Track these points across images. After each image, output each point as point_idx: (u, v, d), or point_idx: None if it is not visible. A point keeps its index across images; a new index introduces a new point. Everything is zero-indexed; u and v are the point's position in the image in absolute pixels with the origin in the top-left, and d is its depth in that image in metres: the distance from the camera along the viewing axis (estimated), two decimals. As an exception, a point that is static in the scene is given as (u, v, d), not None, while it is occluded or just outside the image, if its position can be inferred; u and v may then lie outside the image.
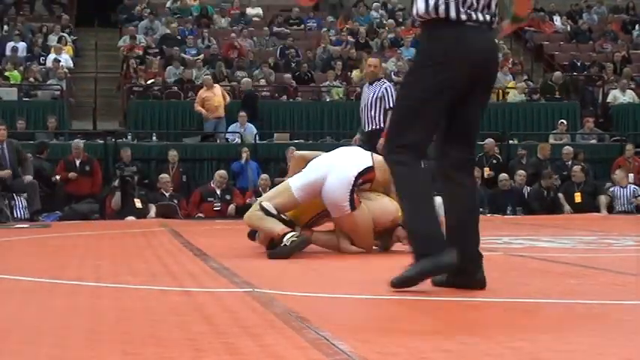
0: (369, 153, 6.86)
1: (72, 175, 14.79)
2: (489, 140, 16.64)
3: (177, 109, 18.16)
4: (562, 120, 18.40)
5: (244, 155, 15.87)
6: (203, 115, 17.36)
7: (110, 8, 23.50)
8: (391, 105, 10.21)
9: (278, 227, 6.30)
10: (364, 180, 6.59)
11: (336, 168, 6.53)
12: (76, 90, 20.43)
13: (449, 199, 4.48)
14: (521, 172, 15.56)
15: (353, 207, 6.47)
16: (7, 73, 18.87)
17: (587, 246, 7.87)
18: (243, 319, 3.51)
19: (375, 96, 10.22)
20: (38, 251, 7.56)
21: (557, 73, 20.30)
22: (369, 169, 6.60)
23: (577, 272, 5.50)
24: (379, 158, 6.40)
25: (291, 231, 6.30)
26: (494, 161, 16.20)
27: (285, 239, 6.22)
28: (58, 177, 14.78)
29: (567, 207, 14.99)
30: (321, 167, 6.57)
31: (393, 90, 10.28)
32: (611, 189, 15.65)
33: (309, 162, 6.72)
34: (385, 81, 10.57)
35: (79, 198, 14.74)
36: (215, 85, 17.79)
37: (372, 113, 10.23)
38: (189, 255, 6.54)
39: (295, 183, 6.54)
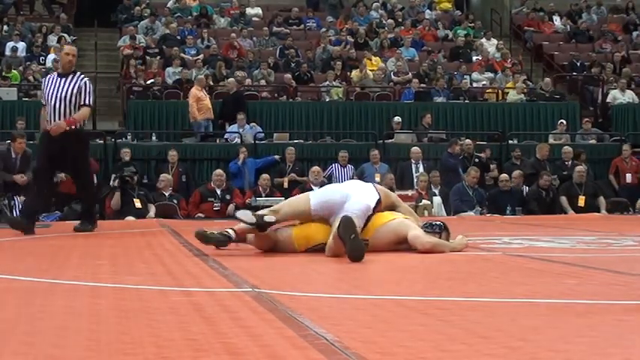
0: (372, 185, 7.05)
1: (61, 176, 14.80)
2: (468, 140, 16.64)
3: (177, 109, 18.15)
4: (562, 120, 18.39)
5: (242, 156, 15.86)
6: (193, 115, 17.26)
7: (110, 8, 23.49)
8: (88, 102, 9.44)
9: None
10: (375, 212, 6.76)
11: (355, 196, 6.64)
12: (75, 90, 20.41)
13: None
14: (517, 172, 15.54)
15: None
16: (4, 74, 18.86)
17: (586, 246, 7.86)
18: (243, 319, 3.51)
19: (73, 90, 9.37)
20: (38, 251, 7.55)
21: (547, 80, 20.32)
22: (379, 202, 6.79)
23: (577, 272, 5.50)
24: (381, 187, 7.16)
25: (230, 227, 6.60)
26: (477, 160, 16.18)
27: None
28: (62, 175, 14.80)
29: (571, 211, 14.93)
30: (341, 191, 6.72)
31: (90, 85, 9.57)
32: None
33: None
34: (81, 74, 9.74)
35: (71, 198, 14.75)
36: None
37: (67, 108, 9.29)
38: (189, 255, 6.53)
39: (316, 196, 6.76)
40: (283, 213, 6.67)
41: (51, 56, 19.94)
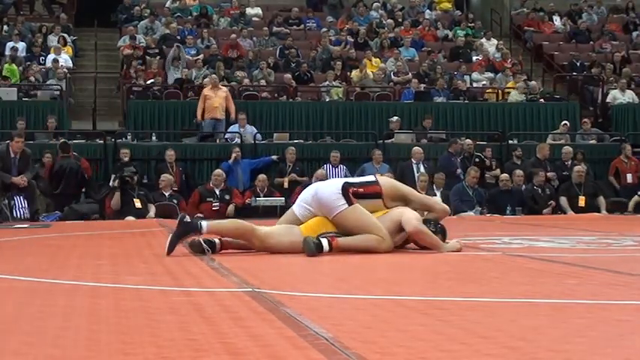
0: (370, 175, 7.41)
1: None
2: (468, 140, 16.63)
3: (177, 109, 18.13)
4: (565, 121, 18.33)
5: (233, 155, 15.85)
6: (197, 115, 17.22)
7: (110, 8, 23.49)
8: None
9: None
10: (367, 191, 6.81)
11: (325, 182, 7.23)
12: (75, 90, 20.43)
13: None
14: (518, 171, 15.53)
15: (349, 203, 6.63)
16: (5, 67, 18.85)
17: (586, 246, 7.87)
18: (243, 319, 3.51)
19: None
20: (38, 251, 7.56)
21: (533, 83, 20.34)
22: (371, 182, 6.91)
23: (576, 272, 5.50)
24: (386, 178, 7.34)
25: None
26: (477, 160, 16.18)
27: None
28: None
29: (570, 211, 14.90)
30: (311, 187, 7.07)
31: None
32: None
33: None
34: None
35: (72, 197, 14.80)
36: (221, 87, 17.66)
37: None
38: (189, 255, 6.54)
39: (295, 204, 7.01)
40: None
41: (51, 56, 19.93)
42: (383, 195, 6.86)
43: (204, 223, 6.56)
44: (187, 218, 6.61)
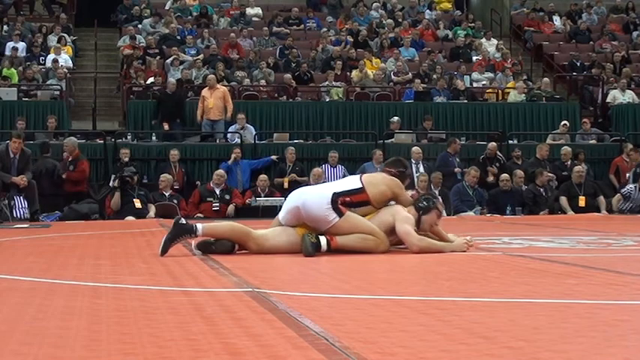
0: (356, 177, 7.07)
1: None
2: (492, 144, 16.60)
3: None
4: (565, 121, 18.32)
5: (233, 156, 15.85)
6: (197, 116, 17.29)
7: (110, 8, 23.49)
8: None
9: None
10: (354, 200, 6.72)
11: (311, 192, 6.88)
12: (75, 90, 20.43)
13: None
14: (519, 172, 15.52)
15: (340, 215, 6.59)
16: (4, 70, 18.84)
17: (586, 246, 7.87)
18: (243, 319, 3.51)
19: None
20: (38, 251, 7.56)
21: (546, 80, 20.34)
22: (359, 190, 6.76)
23: (576, 272, 5.50)
24: (369, 178, 6.94)
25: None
26: (498, 163, 16.16)
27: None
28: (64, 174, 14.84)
29: (570, 211, 14.88)
30: (296, 196, 6.81)
31: None
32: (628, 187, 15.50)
33: None
34: None
35: (72, 197, 14.79)
36: (219, 87, 17.63)
37: None
38: (189, 255, 6.54)
39: (281, 211, 6.88)
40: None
41: (51, 56, 19.93)
42: (371, 201, 6.81)
43: (199, 226, 6.55)
44: (183, 220, 6.60)
